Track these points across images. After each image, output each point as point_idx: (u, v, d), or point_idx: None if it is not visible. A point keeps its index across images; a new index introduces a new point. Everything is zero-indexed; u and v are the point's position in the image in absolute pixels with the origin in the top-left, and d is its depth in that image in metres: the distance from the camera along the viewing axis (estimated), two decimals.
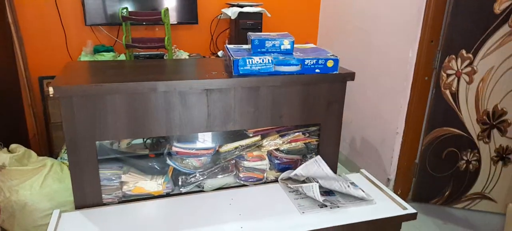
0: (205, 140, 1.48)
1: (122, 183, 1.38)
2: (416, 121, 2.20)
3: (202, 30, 2.92)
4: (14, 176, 1.73)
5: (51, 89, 1.15)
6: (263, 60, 1.38)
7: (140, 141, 1.57)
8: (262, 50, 1.47)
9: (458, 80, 2.05)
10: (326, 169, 1.48)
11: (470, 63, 2.00)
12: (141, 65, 1.56)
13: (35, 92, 2.59)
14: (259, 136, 1.53)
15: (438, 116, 2.14)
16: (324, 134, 1.56)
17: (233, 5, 2.71)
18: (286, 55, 1.45)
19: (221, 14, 2.86)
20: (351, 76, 1.50)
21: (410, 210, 1.34)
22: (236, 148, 1.49)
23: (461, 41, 1.98)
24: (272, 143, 1.54)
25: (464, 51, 1.99)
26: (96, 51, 2.42)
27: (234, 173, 1.52)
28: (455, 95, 2.08)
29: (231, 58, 1.37)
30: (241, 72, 1.36)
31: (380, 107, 2.39)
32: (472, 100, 2.06)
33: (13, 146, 1.87)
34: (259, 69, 1.38)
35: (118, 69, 1.49)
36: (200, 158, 1.45)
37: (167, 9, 2.17)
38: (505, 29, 1.90)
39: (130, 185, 1.38)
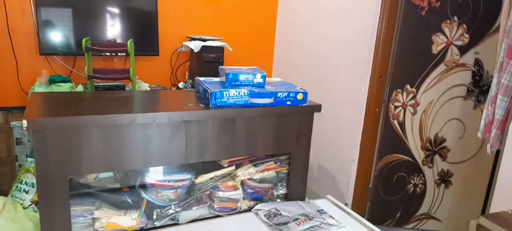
0: (181, 171, 1.48)
1: (94, 219, 1.32)
2: (369, 149, 2.39)
3: (163, 62, 2.93)
4: None
5: (24, 122, 1.10)
6: (239, 93, 1.45)
7: (108, 174, 1.52)
8: (236, 83, 1.54)
9: (404, 112, 2.28)
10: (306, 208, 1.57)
11: (414, 97, 2.25)
12: (112, 97, 1.54)
13: None
14: (234, 165, 1.57)
15: (388, 143, 2.34)
16: (294, 162, 1.65)
17: (194, 39, 2.78)
18: (259, 88, 1.53)
19: (182, 46, 2.90)
20: (318, 108, 1.62)
21: None
22: (211, 178, 1.51)
23: (406, 77, 2.23)
24: (246, 172, 1.58)
25: (408, 86, 2.24)
26: (52, 81, 2.31)
27: (208, 204, 1.53)
28: (402, 124, 2.30)
29: (208, 90, 1.42)
30: (218, 104, 1.42)
31: (337, 137, 2.55)
32: (417, 129, 2.30)
33: None
34: (235, 101, 1.44)
35: (90, 101, 1.46)
36: (176, 190, 1.45)
37: (132, 41, 2.17)
38: (441, 67, 2.18)
39: (103, 221, 1.33)
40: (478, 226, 1.08)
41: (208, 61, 2.72)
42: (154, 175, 1.42)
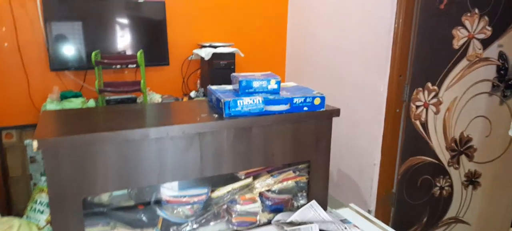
0: (197, 186, 1.42)
1: None
2: (391, 152, 2.28)
3: (173, 71, 2.89)
4: None
5: (34, 144, 1.06)
6: (253, 101, 1.38)
7: (122, 191, 1.47)
8: (249, 90, 1.47)
9: (427, 111, 2.18)
10: (322, 214, 1.48)
11: (436, 95, 2.14)
12: (123, 111, 1.50)
13: None
14: (251, 177, 1.50)
15: (411, 145, 2.24)
16: (313, 171, 1.57)
17: (204, 46, 2.73)
18: (273, 94, 1.47)
19: (193, 55, 2.85)
20: (336, 112, 1.54)
21: None
22: (229, 191, 1.44)
23: (427, 75, 2.13)
24: (264, 183, 1.51)
25: (429, 84, 2.13)
26: (63, 97, 2.29)
27: (226, 218, 1.47)
28: (424, 125, 2.20)
29: (221, 99, 1.36)
30: (232, 114, 1.35)
31: (356, 141, 2.46)
32: (440, 129, 2.19)
33: None
34: (249, 110, 1.38)
35: (101, 116, 1.42)
36: (193, 206, 1.38)
37: (142, 52, 2.13)
38: (464, 62, 2.07)
39: None
40: None
41: (220, 68, 2.67)
42: (169, 190, 1.36)
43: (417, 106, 2.18)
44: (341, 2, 2.53)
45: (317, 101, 1.50)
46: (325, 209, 1.64)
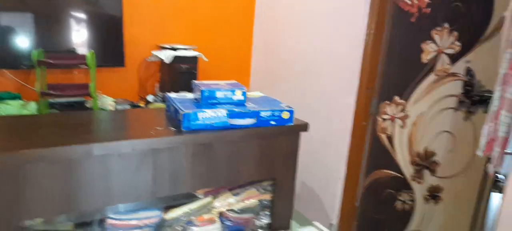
0: (148, 207, 1.26)
1: None
2: (356, 165, 2.23)
3: (129, 74, 2.67)
4: None
5: None
6: (216, 114, 1.25)
7: None
8: (212, 101, 1.34)
9: (393, 124, 2.14)
10: None
11: (403, 109, 2.11)
12: (64, 121, 1.30)
13: None
14: (210, 196, 1.36)
15: (376, 159, 2.20)
16: (279, 188, 1.46)
17: (165, 48, 2.54)
18: (239, 106, 1.34)
19: (151, 56, 2.66)
20: (304, 127, 1.44)
21: None
22: (185, 213, 1.29)
23: (394, 88, 2.09)
24: (224, 202, 1.38)
25: (397, 98, 2.10)
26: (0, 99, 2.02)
27: None
28: (390, 138, 2.16)
29: (180, 111, 1.21)
30: (192, 128, 1.21)
31: (322, 153, 2.38)
32: (405, 143, 2.16)
33: None
34: (212, 123, 1.24)
35: (36, 127, 1.21)
36: (143, 229, 1.22)
37: (93, 53, 1.92)
38: (432, 77, 2.05)
39: None
40: None
41: (181, 72, 2.50)
42: (116, 213, 1.19)
43: (384, 119, 2.14)
44: (311, 11, 2.45)
45: (285, 115, 1.39)
46: (287, 228, 1.54)
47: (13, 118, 1.36)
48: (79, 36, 2.34)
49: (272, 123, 1.35)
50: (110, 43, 2.47)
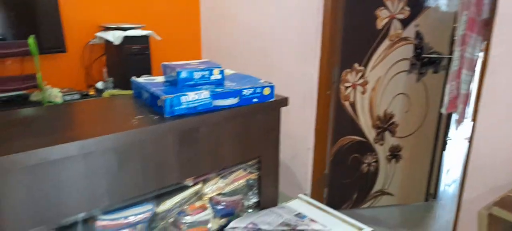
0: (139, 203, 1.16)
1: None
2: (323, 134, 2.28)
3: (72, 59, 2.41)
4: None
5: None
6: (200, 96, 1.17)
7: None
8: (190, 83, 1.26)
9: (355, 92, 2.21)
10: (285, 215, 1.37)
11: (363, 75, 2.18)
12: (23, 120, 1.13)
13: None
14: (200, 183, 1.29)
15: (341, 126, 2.26)
16: (264, 166, 1.44)
17: (110, 28, 2.32)
18: (219, 86, 1.27)
19: (95, 38, 2.42)
20: (285, 101, 1.43)
21: (367, 229, 1.33)
22: (177, 202, 1.22)
23: (354, 56, 2.15)
24: (214, 187, 1.33)
25: (357, 65, 2.16)
26: None
27: None
28: (353, 105, 2.23)
29: (160, 96, 1.12)
30: (175, 113, 1.12)
31: (289, 126, 2.39)
32: (367, 108, 2.25)
33: None
34: (195, 106, 1.16)
35: None
36: (135, 227, 1.13)
37: (34, 37, 1.68)
38: (386, 42, 2.14)
39: None
40: (490, 216, 1.01)
41: (132, 53, 2.31)
42: (105, 213, 1.08)
43: (346, 88, 2.20)
44: None
45: (266, 91, 1.36)
46: (275, 204, 1.53)
47: None
48: (7, 21, 2.04)
49: (255, 100, 1.32)
50: (46, 27, 2.19)
